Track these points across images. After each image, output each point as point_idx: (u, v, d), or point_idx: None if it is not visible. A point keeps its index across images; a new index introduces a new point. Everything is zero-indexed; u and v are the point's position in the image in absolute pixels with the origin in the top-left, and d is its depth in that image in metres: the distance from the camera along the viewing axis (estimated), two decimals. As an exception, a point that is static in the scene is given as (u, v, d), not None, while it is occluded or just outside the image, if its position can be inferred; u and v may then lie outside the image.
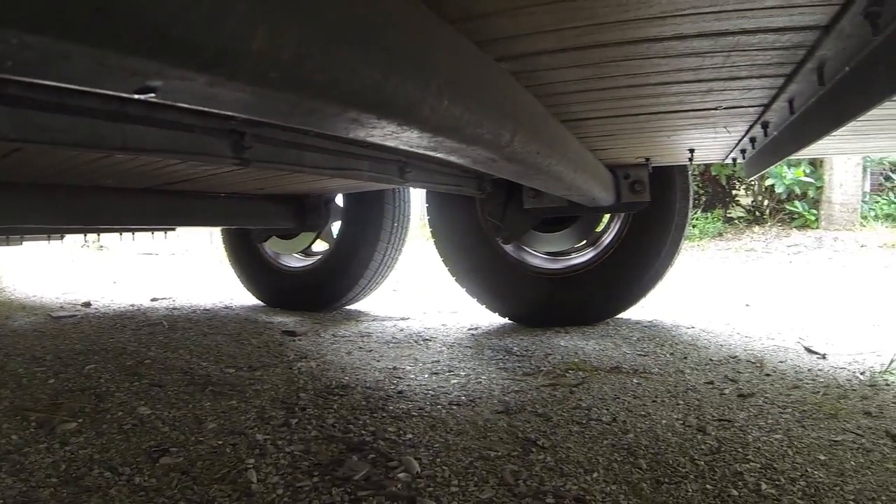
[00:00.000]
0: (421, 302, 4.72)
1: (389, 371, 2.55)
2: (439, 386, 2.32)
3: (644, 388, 2.25)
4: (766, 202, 10.07)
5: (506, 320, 3.71)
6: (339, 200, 4.23)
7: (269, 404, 2.10)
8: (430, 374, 2.50)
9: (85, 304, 4.82)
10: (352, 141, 2.17)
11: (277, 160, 1.95)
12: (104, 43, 0.45)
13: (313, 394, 2.22)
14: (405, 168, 2.56)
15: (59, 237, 5.28)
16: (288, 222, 3.99)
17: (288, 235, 4.44)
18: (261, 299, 4.67)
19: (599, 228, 3.76)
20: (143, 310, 4.46)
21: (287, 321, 3.84)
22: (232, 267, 4.82)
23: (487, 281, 3.65)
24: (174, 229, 5.08)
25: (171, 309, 4.49)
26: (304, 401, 2.14)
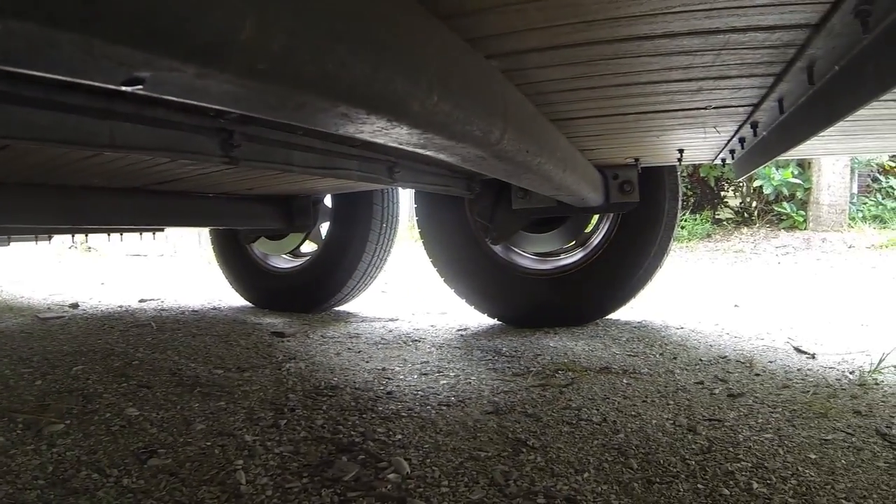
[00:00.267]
0: (410, 303, 4.71)
1: (378, 372, 2.54)
2: (429, 387, 2.31)
3: (634, 389, 2.24)
4: (755, 203, 10.12)
5: (495, 321, 3.70)
6: (328, 201, 4.22)
7: (258, 405, 2.09)
8: (420, 375, 2.49)
9: (73, 306, 4.78)
10: (341, 140, 2.16)
11: (266, 159, 1.95)
12: (90, 30, 0.44)
13: (302, 395, 2.21)
14: (394, 168, 2.56)
15: (47, 238, 5.25)
16: (276, 223, 3.98)
17: (276, 236, 4.42)
18: (249, 300, 4.65)
19: (588, 229, 3.76)
20: (131, 311, 4.43)
21: (276, 322, 3.82)
22: (220, 268, 4.80)
23: (476, 282, 3.64)
24: (163, 230, 5.07)
25: (159, 310, 4.46)
26: (293, 402, 2.12)
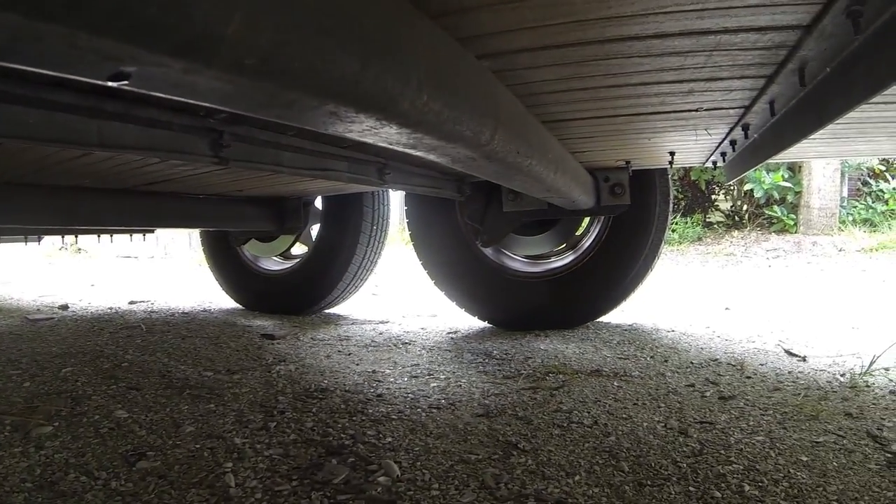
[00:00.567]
0: (400, 306, 4.70)
1: (369, 374, 2.52)
2: (419, 389, 2.30)
3: (625, 392, 2.24)
4: (746, 207, 10.15)
5: (485, 324, 3.70)
6: (319, 203, 4.21)
7: (248, 408, 2.07)
8: (410, 378, 2.48)
9: (62, 307, 4.75)
10: (331, 141, 2.15)
11: (256, 160, 1.93)
12: (75, 22, 0.43)
13: (292, 397, 2.19)
14: (384, 169, 2.55)
15: (37, 239, 5.22)
16: (266, 225, 3.96)
17: (267, 238, 4.40)
18: (239, 302, 4.63)
19: (579, 232, 3.76)
20: (120, 313, 4.40)
21: (266, 324, 3.81)
22: (211, 270, 4.78)
23: (467, 284, 3.63)
24: (153, 231, 5.05)
25: (149, 312, 4.43)
26: (283, 404, 2.11)
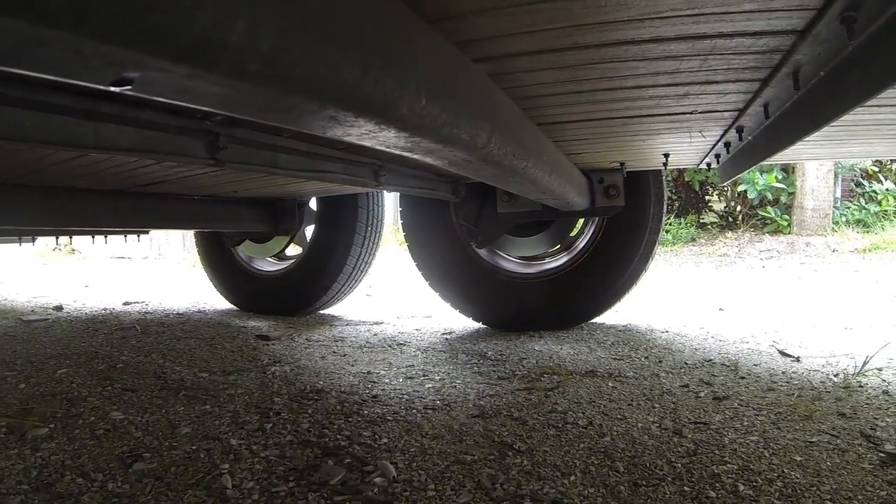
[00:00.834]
0: (395, 306, 4.71)
1: (364, 375, 2.53)
2: (414, 390, 2.31)
3: (620, 392, 2.25)
4: (739, 208, 10.17)
5: (480, 325, 3.70)
6: (313, 204, 4.21)
7: (244, 409, 2.07)
8: (405, 379, 2.48)
9: (57, 308, 4.74)
10: (326, 143, 2.15)
11: (252, 161, 1.94)
12: (80, 28, 0.44)
13: (287, 398, 2.20)
14: (379, 171, 2.55)
15: (31, 239, 5.20)
16: (261, 226, 3.96)
17: (261, 239, 4.40)
18: (234, 303, 4.63)
19: (574, 233, 3.77)
20: (115, 314, 4.40)
21: (261, 325, 3.80)
22: (205, 271, 4.78)
23: (461, 285, 3.64)
24: (147, 232, 5.04)
25: (144, 313, 4.43)
26: (279, 405, 2.11)
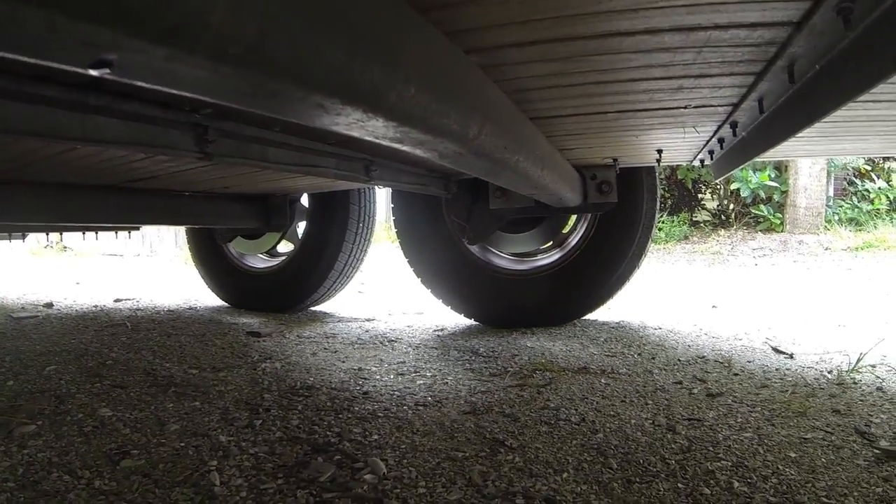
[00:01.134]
0: (386, 303, 4.69)
1: (355, 372, 2.51)
2: (405, 387, 2.29)
3: (613, 389, 2.23)
4: (732, 206, 10.19)
5: (472, 322, 3.69)
6: (305, 200, 4.19)
7: (233, 405, 2.05)
8: (396, 375, 2.46)
9: (47, 305, 4.71)
10: (317, 137, 2.13)
11: (241, 155, 1.91)
12: (54, 4, 0.42)
13: (278, 395, 2.18)
14: (371, 166, 2.53)
15: (21, 236, 5.17)
16: (252, 222, 3.94)
17: (253, 236, 4.39)
18: (225, 300, 4.61)
19: (566, 230, 3.76)
20: (106, 310, 4.37)
21: (251, 322, 3.78)
22: (196, 267, 4.76)
23: (453, 282, 3.62)
24: (138, 228, 5.01)
25: (134, 310, 4.40)
26: (269, 402, 2.09)
